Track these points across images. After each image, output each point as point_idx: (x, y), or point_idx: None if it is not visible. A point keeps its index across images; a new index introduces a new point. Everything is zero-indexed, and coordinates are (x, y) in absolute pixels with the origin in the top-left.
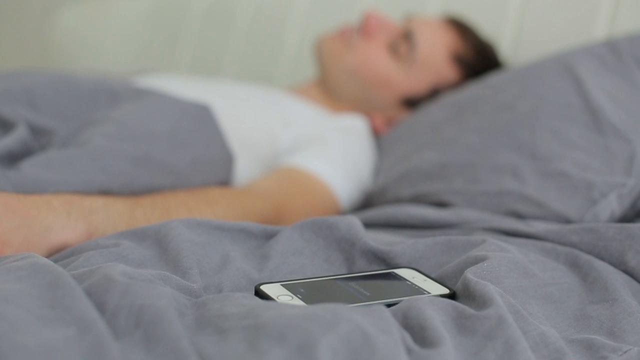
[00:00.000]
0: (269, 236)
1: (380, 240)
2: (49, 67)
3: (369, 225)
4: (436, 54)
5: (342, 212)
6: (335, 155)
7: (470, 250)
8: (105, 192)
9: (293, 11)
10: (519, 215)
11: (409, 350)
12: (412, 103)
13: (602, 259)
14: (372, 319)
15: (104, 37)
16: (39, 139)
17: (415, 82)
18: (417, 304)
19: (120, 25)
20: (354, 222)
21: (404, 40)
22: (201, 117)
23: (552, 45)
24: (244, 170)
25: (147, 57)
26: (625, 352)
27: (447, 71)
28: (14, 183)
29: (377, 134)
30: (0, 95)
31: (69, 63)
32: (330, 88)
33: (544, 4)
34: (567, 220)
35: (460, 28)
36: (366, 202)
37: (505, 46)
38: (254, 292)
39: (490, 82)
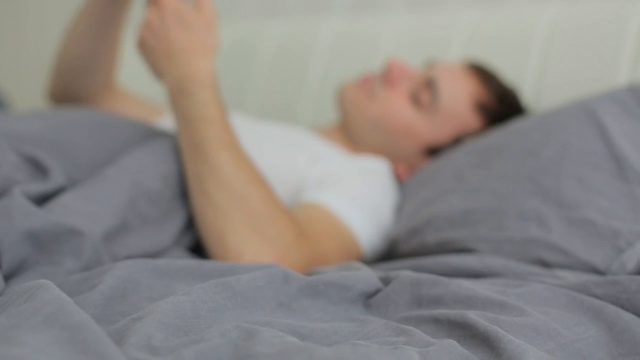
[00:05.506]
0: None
1: None
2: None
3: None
4: (459, 103)
5: (364, 258)
6: (358, 198)
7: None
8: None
9: (315, 49)
10: (545, 263)
11: None
12: (434, 151)
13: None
14: None
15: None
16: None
17: (438, 131)
18: None
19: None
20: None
21: (426, 89)
22: None
23: (575, 91)
24: None
25: None
26: None
27: (470, 119)
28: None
29: (399, 180)
30: (38, 140)
31: None
32: (353, 135)
33: (566, 48)
34: (593, 269)
35: (483, 74)
36: (390, 247)
37: (528, 91)
38: None
39: (513, 127)
